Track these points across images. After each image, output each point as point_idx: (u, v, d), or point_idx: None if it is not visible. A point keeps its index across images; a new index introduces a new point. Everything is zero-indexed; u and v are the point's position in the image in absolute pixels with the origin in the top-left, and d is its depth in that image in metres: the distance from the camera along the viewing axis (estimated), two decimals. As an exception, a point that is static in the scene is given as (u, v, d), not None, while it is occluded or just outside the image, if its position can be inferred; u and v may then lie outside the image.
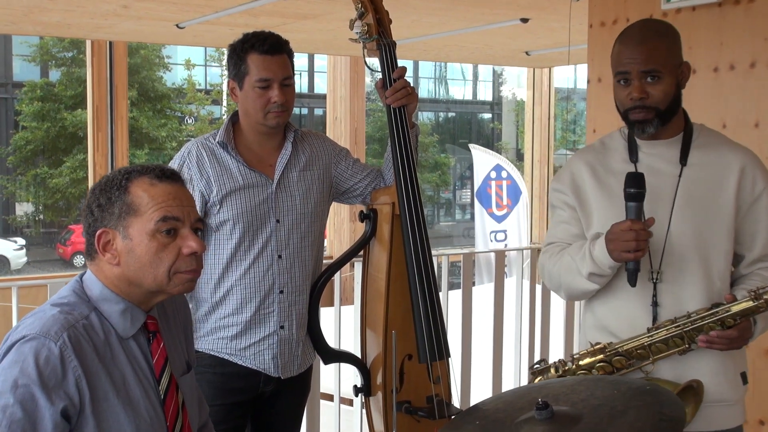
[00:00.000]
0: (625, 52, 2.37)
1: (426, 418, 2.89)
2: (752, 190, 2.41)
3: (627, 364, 2.35)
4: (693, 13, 3.81)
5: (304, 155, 2.89)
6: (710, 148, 2.45)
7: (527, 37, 8.21)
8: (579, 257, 2.40)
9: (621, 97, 2.40)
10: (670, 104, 2.38)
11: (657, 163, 2.43)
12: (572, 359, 2.42)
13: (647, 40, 2.37)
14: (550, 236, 2.60)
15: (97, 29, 7.89)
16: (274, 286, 2.80)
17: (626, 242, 2.25)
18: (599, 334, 2.46)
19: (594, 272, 2.37)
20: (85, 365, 1.79)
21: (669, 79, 2.36)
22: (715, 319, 2.27)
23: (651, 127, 2.37)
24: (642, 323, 2.37)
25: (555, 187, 2.59)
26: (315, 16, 6.97)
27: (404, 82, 2.91)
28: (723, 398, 2.38)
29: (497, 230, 12.27)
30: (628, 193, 2.28)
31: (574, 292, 2.50)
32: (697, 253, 2.38)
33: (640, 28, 2.43)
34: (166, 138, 22.17)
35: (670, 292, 2.38)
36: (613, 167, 2.48)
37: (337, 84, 10.99)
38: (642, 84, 2.34)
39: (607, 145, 2.55)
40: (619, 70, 2.38)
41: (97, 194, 1.89)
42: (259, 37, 2.74)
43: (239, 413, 2.84)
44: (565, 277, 2.47)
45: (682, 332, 2.29)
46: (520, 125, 26.12)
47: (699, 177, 2.40)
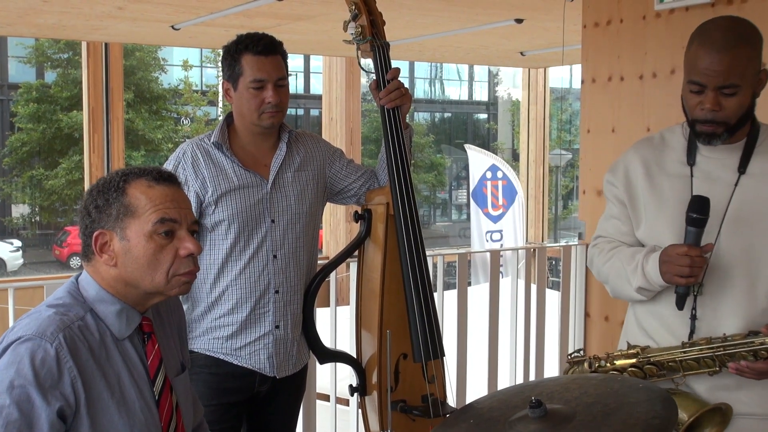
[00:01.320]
0: (703, 59, 2.18)
1: (421, 417, 2.89)
2: None
3: (658, 374, 2.30)
4: (686, 14, 3.82)
5: (299, 156, 2.90)
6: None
7: (522, 38, 8.23)
8: (630, 268, 2.34)
9: (691, 105, 2.25)
10: (742, 116, 2.24)
11: (714, 169, 2.31)
12: (607, 357, 2.38)
13: (729, 49, 2.16)
14: (601, 229, 2.54)
15: (93, 31, 7.89)
16: (270, 286, 2.81)
17: (680, 267, 2.19)
18: (639, 334, 2.42)
19: (643, 287, 2.32)
20: (80, 366, 1.80)
21: (746, 91, 2.21)
22: (749, 349, 2.18)
23: (718, 140, 2.25)
24: (679, 333, 2.32)
25: (608, 179, 2.50)
26: (310, 17, 6.98)
27: (398, 83, 2.92)
28: (755, 411, 2.30)
29: (493, 230, 12.29)
30: (690, 217, 2.20)
31: (620, 296, 2.46)
32: (743, 269, 2.27)
33: (724, 32, 2.20)
34: (162, 139, 22.16)
35: (709, 307, 2.30)
36: (668, 167, 2.38)
37: (333, 85, 11.01)
38: (717, 96, 2.19)
39: (667, 141, 2.43)
40: (694, 80, 2.21)
41: (94, 196, 1.90)
42: (252, 38, 2.75)
43: (235, 413, 2.84)
44: (614, 281, 2.43)
45: (713, 355, 2.22)
46: (516, 125, 26.12)
47: (757, 187, 2.28)
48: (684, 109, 2.31)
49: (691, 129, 2.30)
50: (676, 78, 3.92)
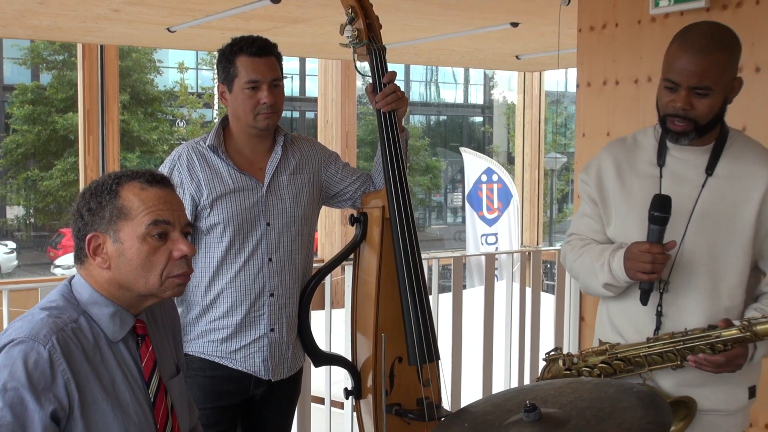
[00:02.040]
0: (681, 59, 2.25)
1: (416, 420, 2.90)
2: None
3: (626, 369, 2.36)
4: (681, 18, 3.83)
5: (294, 159, 2.90)
6: (741, 158, 2.36)
7: (517, 41, 8.23)
8: (598, 265, 2.40)
9: (664, 101, 2.32)
10: (712, 119, 2.30)
11: (683, 169, 2.38)
12: (579, 355, 2.44)
13: (707, 53, 2.23)
14: (574, 227, 2.60)
15: (88, 33, 7.88)
16: (265, 289, 2.81)
17: (643, 264, 2.25)
18: (610, 331, 2.48)
19: (610, 283, 2.38)
20: (74, 368, 1.80)
21: (718, 96, 2.27)
22: (706, 342, 2.25)
23: (686, 139, 2.32)
24: (646, 329, 2.38)
25: (582, 178, 2.57)
26: (306, 20, 6.98)
27: (394, 87, 2.93)
28: (721, 408, 2.37)
29: (488, 233, 12.29)
30: (652, 215, 2.26)
31: (590, 292, 2.53)
32: (706, 267, 2.34)
33: (703, 36, 2.28)
34: (158, 141, 22.14)
35: (674, 304, 2.36)
36: (638, 167, 2.44)
37: (329, 87, 11.00)
38: (689, 96, 2.25)
39: (639, 142, 2.49)
40: (669, 77, 2.28)
41: (87, 198, 1.89)
42: (247, 40, 2.76)
43: (229, 416, 2.84)
44: (584, 276, 2.50)
45: (675, 349, 2.29)
46: (511, 128, 26.13)
47: (723, 189, 2.34)
48: (657, 107, 2.37)
49: (662, 126, 2.36)
50: (671, 82, 3.92)
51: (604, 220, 2.50)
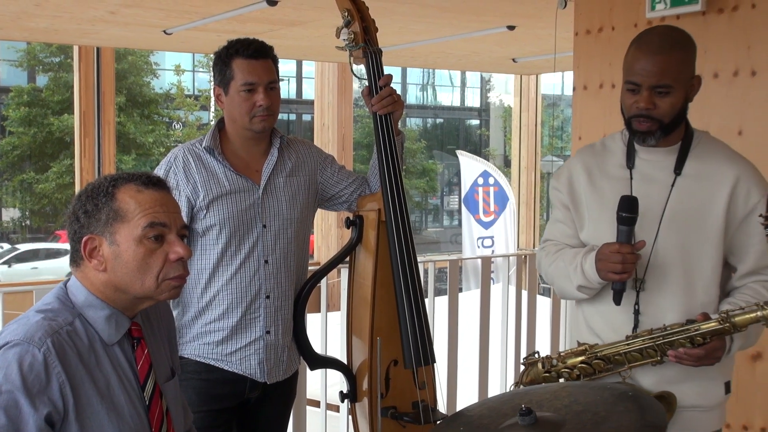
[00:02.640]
0: (640, 61, 2.32)
1: (411, 423, 2.90)
2: (746, 202, 2.38)
3: (605, 368, 2.39)
4: (677, 22, 3.83)
5: (290, 161, 2.90)
6: (707, 158, 2.42)
7: (514, 45, 8.24)
8: (572, 268, 2.43)
9: (627, 104, 2.38)
10: (675, 117, 2.36)
11: (652, 170, 2.43)
12: (558, 357, 2.46)
13: (664, 52, 2.31)
14: (548, 233, 2.63)
15: (85, 35, 7.88)
16: (261, 291, 2.81)
17: (613, 264, 2.29)
18: (586, 333, 2.50)
19: (583, 285, 2.41)
20: (69, 371, 1.79)
21: (679, 94, 2.34)
22: (686, 336, 2.28)
23: (652, 138, 2.37)
24: (624, 328, 2.40)
25: (553, 185, 2.61)
26: (302, 23, 6.99)
27: (390, 90, 2.93)
28: (699, 404, 2.41)
29: (484, 236, 12.30)
30: (620, 216, 2.29)
31: (565, 295, 2.56)
32: (680, 265, 2.38)
33: (659, 37, 2.37)
34: (154, 143, 22.13)
35: (651, 302, 2.40)
36: (609, 171, 2.49)
37: (325, 90, 11.02)
38: (651, 96, 2.32)
39: (608, 146, 2.54)
40: (630, 80, 2.35)
41: (83, 201, 1.89)
42: (243, 42, 2.75)
43: (225, 419, 2.84)
44: (558, 281, 2.52)
45: (654, 344, 2.32)
46: (508, 132, 26.18)
47: (692, 188, 2.39)
48: (622, 111, 2.42)
49: (628, 128, 2.42)
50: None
51: (576, 224, 2.54)
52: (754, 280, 2.42)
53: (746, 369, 3.62)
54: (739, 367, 3.62)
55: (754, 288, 2.40)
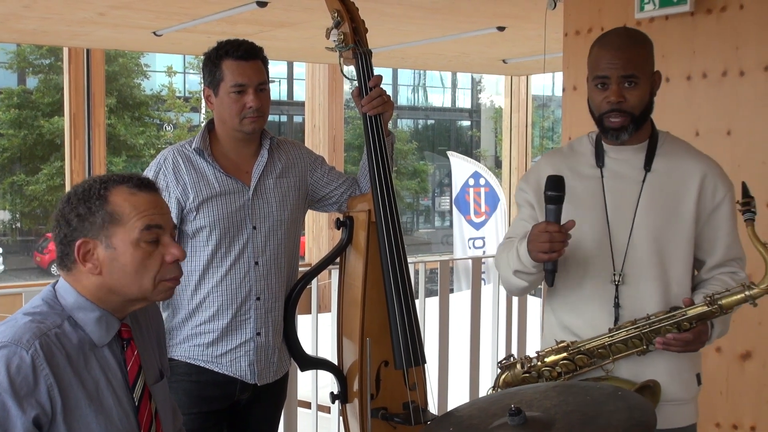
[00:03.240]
0: (605, 56, 2.40)
1: (402, 424, 2.90)
2: (713, 197, 2.46)
3: (588, 363, 2.41)
4: (666, 22, 3.85)
5: (280, 162, 2.90)
6: (674, 155, 2.50)
7: (504, 46, 8.25)
8: (511, 255, 2.47)
9: (597, 101, 2.43)
10: (644, 110, 2.43)
11: (622, 168, 2.48)
12: (537, 356, 2.48)
13: (627, 46, 2.41)
14: (509, 232, 2.67)
15: (74, 37, 7.86)
16: (251, 293, 2.81)
17: (541, 243, 2.32)
18: (562, 333, 2.52)
19: (519, 269, 2.44)
20: (57, 373, 1.79)
21: (645, 86, 2.41)
22: (672, 322, 2.33)
23: (625, 133, 2.42)
24: (603, 324, 2.43)
25: (520, 187, 2.66)
26: (292, 24, 6.99)
27: (380, 91, 2.93)
28: (677, 397, 2.45)
29: (475, 237, 12.31)
30: (546, 195, 2.34)
31: (509, 286, 2.58)
32: (656, 257, 2.44)
33: (619, 35, 2.49)
34: (144, 145, 22.07)
35: (630, 295, 2.44)
36: (580, 171, 2.53)
37: (316, 92, 11.02)
38: (620, 88, 2.38)
39: (576, 149, 2.60)
40: (598, 74, 2.41)
41: (74, 204, 1.88)
42: (233, 44, 2.75)
43: (215, 421, 2.83)
44: (502, 272, 2.56)
45: (640, 333, 2.36)
46: (499, 133, 26.21)
47: (662, 183, 2.46)
48: (591, 112, 2.48)
49: (600, 126, 2.46)
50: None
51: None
52: (721, 272, 2.49)
53: (736, 368, 3.63)
54: (729, 367, 3.64)
55: (722, 279, 2.47)
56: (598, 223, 2.46)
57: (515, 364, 2.49)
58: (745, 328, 3.53)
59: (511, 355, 2.56)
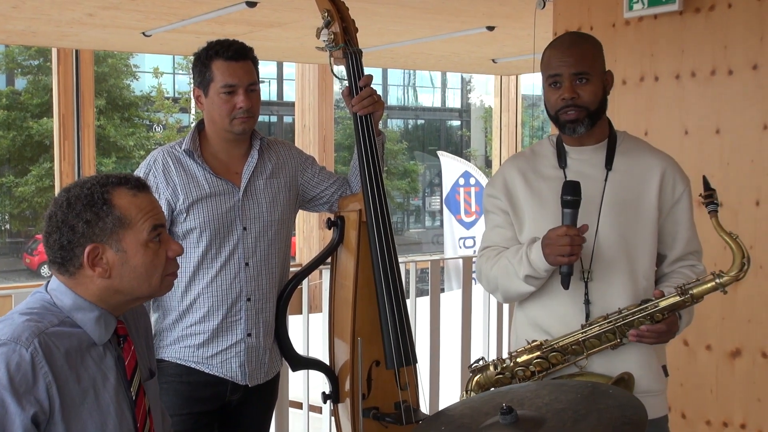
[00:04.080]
0: (556, 56, 2.49)
1: (393, 424, 2.90)
2: (673, 192, 2.53)
3: (562, 360, 2.44)
4: (655, 22, 3.86)
5: (271, 163, 2.90)
6: (633, 153, 2.56)
7: (493, 45, 8.27)
8: (516, 260, 2.48)
9: (552, 100, 2.50)
10: (598, 106, 2.49)
11: (585, 168, 2.53)
12: (510, 356, 2.50)
13: (576, 44, 2.51)
14: (486, 240, 2.68)
15: (63, 37, 7.84)
16: (242, 294, 2.80)
17: (561, 247, 2.34)
18: (533, 332, 2.54)
19: (530, 275, 2.45)
20: (55, 371, 1.79)
21: (597, 82, 2.48)
22: (645, 314, 2.37)
23: (582, 126, 2.48)
24: (574, 321, 2.46)
25: (489, 193, 2.68)
26: (282, 24, 6.98)
27: (370, 90, 2.93)
28: (650, 389, 2.48)
29: (466, 236, 12.33)
30: (564, 200, 2.37)
31: (510, 294, 2.58)
32: (622, 253, 2.48)
33: (568, 36, 2.63)
34: (134, 146, 22.03)
35: (599, 291, 2.48)
36: (543, 173, 2.58)
37: (306, 92, 11.01)
38: (572, 85, 2.45)
39: (537, 151, 2.65)
40: (550, 73, 2.48)
41: (77, 210, 1.87)
42: (223, 44, 2.75)
43: (206, 423, 2.82)
44: (502, 280, 2.55)
45: (614, 327, 2.39)
46: (488, 132, 26.24)
47: (624, 181, 2.52)
48: (548, 112, 2.54)
49: (557, 124, 2.53)
50: (645, 85, 3.95)
51: (516, 227, 2.60)
52: (681, 266, 2.56)
53: (726, 366, 3.64)
54: (719, 364, 3.65)
55: (683, 272, 2.53)
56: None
57: (487, 367, 2.51)
58: (735, 325, 3.54)
59: (482, 358, 2.57)
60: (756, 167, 3.51)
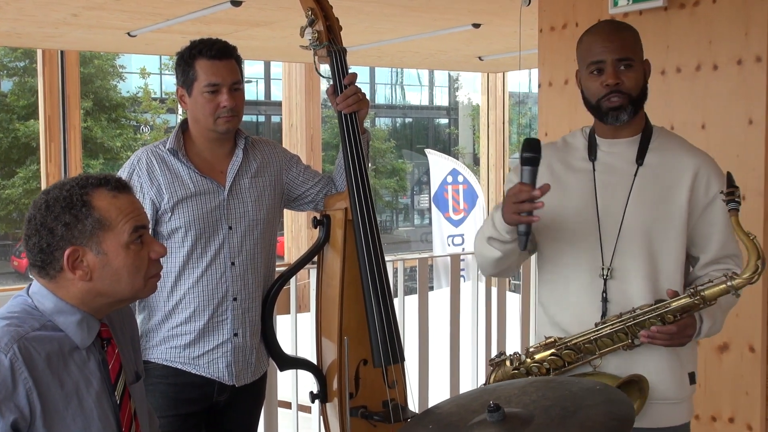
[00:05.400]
0: (598, 42, 2.41)
1: (382, 422, 2.89)
2: (706, 193, 2.43)
3: (576, 358, 2.39)
4: (640, 17, 3.87)
5: (255, 162, 2.89)
6: (667, 150, 2.47)
7: (480, 43, 8.27)
8: (487, 223, 2.45)
9: (594, 87, 2.42)
10: (640, 93, 2.43)
11: (615, 161, 2.47)
12: (527, 353, 2.46)
13: (618, 30, 2.45)
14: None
15: (48, 38, 7.80)
16: (228, 294, 2.79)
17: (517, 204, 2.27)
18: (551, 330, 2.49)
19: (492, 236, 2.41)
20: (36, 377, 1.77)
21: (639, 69, 2.42)
22: (656, 314, 2.31)
23: (625, 113, 2.40)
24: (590, 318, 2.40)
25: (510, 179, 2.60)
26: (267, 23, 6.97)
27: (355, 89, 2.92)
28: (667, 396, 2.41)
29: (454, 234, 12.33)
30: (522, 157, 2.30)
31: (484, 261, 2.53)
32: (646, 252, 2.41)
33: (608, 22, 2.53)
34: (122, 147, 21.96)
35: (618, 289, 2.41)
36: (572, 164, 2.51)
37: (293, 91, 10.99)
38: (616, 71, 2.38)
39: (569, 143, 2.58)
40: (593, 60, 2.41)
41: (56, 212, 1.85)
42: (206, 43, 2.74)
43: (193, 423, 2.81)
44: (477, 248, 2.53)
45: (625, 327, 2.33)
46: (476, 130, 26.26)
47: (654, 177, 2.44)
48: (586, 101, 2.46)
49: (597, 112, 2.44)
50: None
51: None
52: (715, 269, 2.45)
53: (714, 360, 3.65)
54: (707, 359, 3.66)
55: (716, 276, 2.41)
56: (589, 217, 2.43)
57: (505, 362, 2.47)
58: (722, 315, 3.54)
59: (502, 353, 2.53)
60: (741, 162, 3.51)
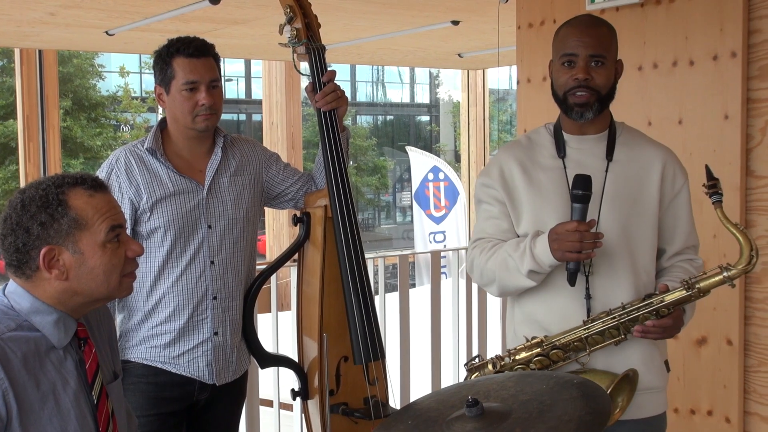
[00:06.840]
0: (573, 34, 2.41)
1: (363, 419, 2.90)
2: (673, 185, 2.48)
3: (564, 357, 2.39)
4: (617, 14, 3.88)
5: (235, 160, 2.88)
6: (633, 145, 2.50)
7: (459, 40, 8.28)
8: (518, 255, 2.39)
9: (563, 80, 2.42)
10: (608, 92, 2.43)
11: (584, 158, 2.47)
12: (509, 354, 2.44)
13: (596, 26, 2.44)
14: (479, 231, 2.58)
15: (25, 37, 7.75)
16: (207, 293, 2.79)
17: (571, 243, 2.26)
18: (530, 329, 2.47)
19: (533, 270, 2.37)
20: (12, 378, 1.77)
21: (611, 67, 2.42)
22: (650, 309, 2.32)
23: (590, 111, 2.41)
24: (575, 316, 2.40)
25: (483, 182, 2.58)
26: (246, 21, 6.95)
27: (334, 86, 2.92)
28: (652, 385, 2.45)
29: (436, 231, 12.36)
30: (575, 194, 2.30)
31: (508, 288, 2.48)
32: (624, 246, 2.42)
33: (588, 17, 2.54)
34: (102, 147, 21.83)
35: (601, 285, 2.42)
36: (541, 162, 2.50)
37: (273, 89, 10.97)
38: (587, 66, 2.38)
39: (534, 140, 2.56)
40: (566, 52, 2.41)
41: (32, 212, 1.84)
42: (183, 41, 2.73)
43: (174, 422, 2.81)
44: (501, 274, 2.45)
45: (618, 323, 2.34)
46: (457, 127, 26.28)
47: (624, 173, 2.45)
48: (554, 92, 2.47)
49: (563, 106, 2.45)
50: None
51: (513, 219, 2.51)
52: (680, 260, 2.51)
53: (692, 353, 3.68)
54: (685, 352, 3.68)
55: (683, 267, 2.49)
56: (565, 214, 2.39)
57: (485, 365, 2.45)
58: (700, 313, 3.56)
59: (478, 356, 2.51)
60: (718, 157, 3.53)
